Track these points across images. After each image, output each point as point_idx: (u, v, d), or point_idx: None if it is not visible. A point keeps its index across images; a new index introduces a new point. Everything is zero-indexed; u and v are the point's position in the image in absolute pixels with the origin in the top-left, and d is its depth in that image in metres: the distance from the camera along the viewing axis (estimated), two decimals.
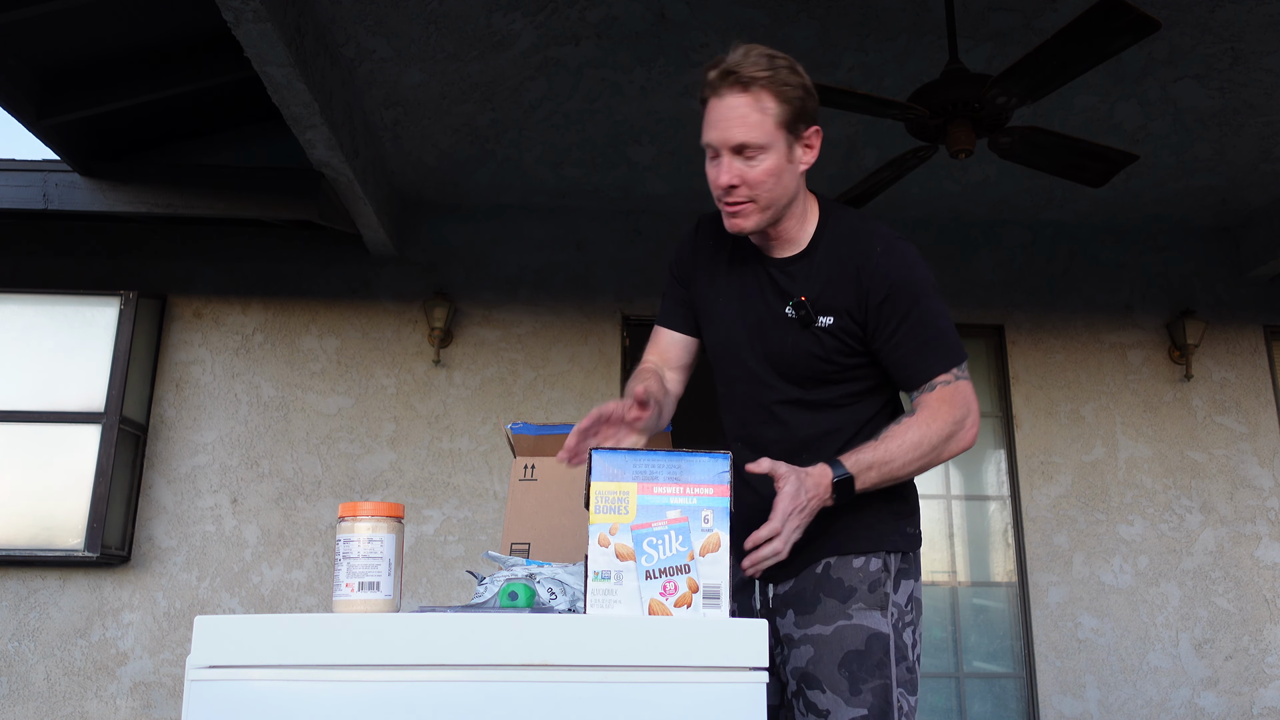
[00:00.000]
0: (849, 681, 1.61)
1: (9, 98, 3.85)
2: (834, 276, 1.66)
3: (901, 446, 1.60)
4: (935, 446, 1.61)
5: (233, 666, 1.20)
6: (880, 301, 1.63)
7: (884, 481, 1.60)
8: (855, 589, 1.66)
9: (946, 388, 1.63)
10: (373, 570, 1.36)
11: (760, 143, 1.59)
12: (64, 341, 4.61)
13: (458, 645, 1.22)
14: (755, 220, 1.64)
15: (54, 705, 4.39)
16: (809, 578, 1.68)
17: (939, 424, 1.61)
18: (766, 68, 1.57)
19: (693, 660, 1.21)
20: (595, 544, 1.31)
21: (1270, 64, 3.87)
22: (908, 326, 1.63)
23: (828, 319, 1.66)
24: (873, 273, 1.63)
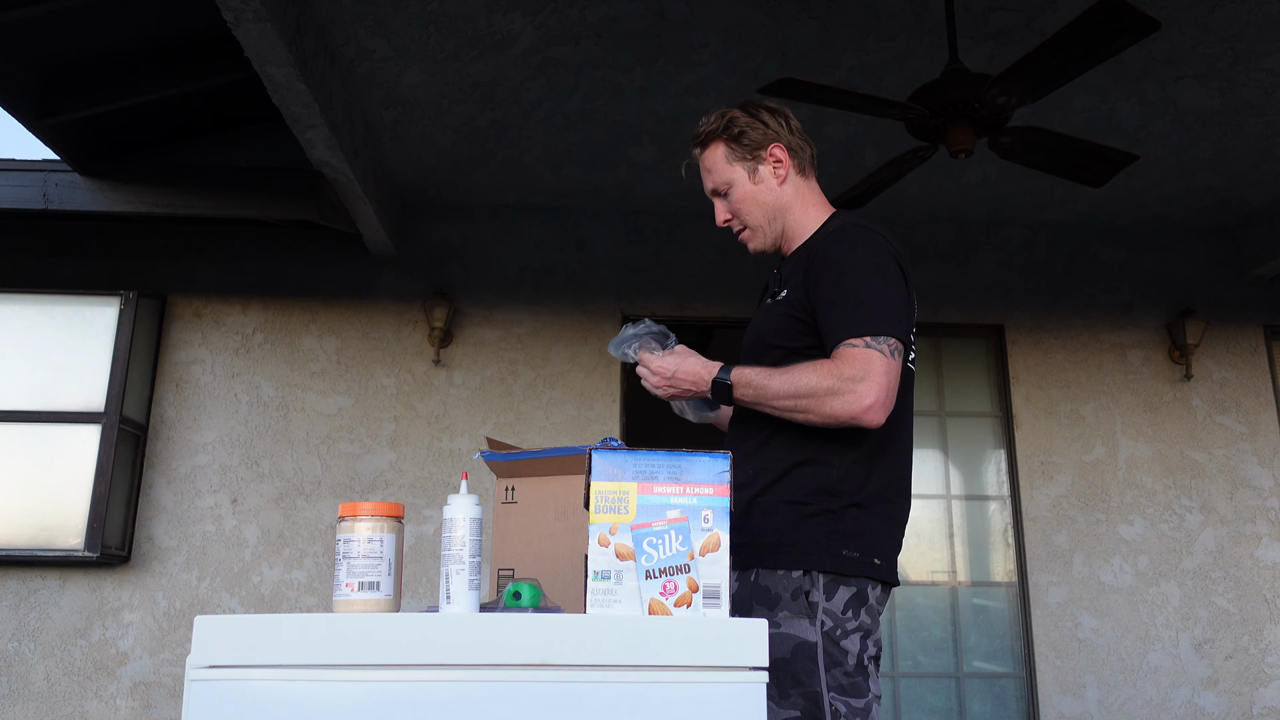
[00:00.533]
0: (776, 688, 1.64)
1: (9, 97, 3.85)
2: (798, 257, 1.84)
3: (784, 381, 1.69)
4: (812, 394, 1.66)
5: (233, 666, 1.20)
6: (817, 271, 1.76)
7: (757, 404, 1.72)
8: (780, 596, 1.69)
9: (850, 349, 1.67)
10: (373, 570, 1.36)
11: (724, 180, 1.89)
12: (64, 341, 4.61)
13: (458, 645, 1.22)
14: (759, 239, 1.91)
15: (54, 705, 4.39)
16: (745, 584, 1.74)
17: (823, 376, 1.66)
18: (716, 122, 1.89)
19: (693, 660, 1.21)
20: (595, 544, 1.31)
21: (1270, 64, 3.87)
22: (832, 292, 1.73)
23: (783, 293, 1.83)
24: (819, 247, 1.79)
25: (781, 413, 1.70)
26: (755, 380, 1.71)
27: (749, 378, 1.72)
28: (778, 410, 1.70)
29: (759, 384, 1.71)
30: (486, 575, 3.90)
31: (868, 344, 1.67)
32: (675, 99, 4.18)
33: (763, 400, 1.71)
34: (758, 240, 1.90)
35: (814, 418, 1.67)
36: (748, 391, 1.72)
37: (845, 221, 1.84)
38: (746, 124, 1.87)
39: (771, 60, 3.89)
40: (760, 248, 1.91)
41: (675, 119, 4.33)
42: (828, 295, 1.73)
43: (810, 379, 1.66)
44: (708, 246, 5.14)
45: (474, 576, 1.37)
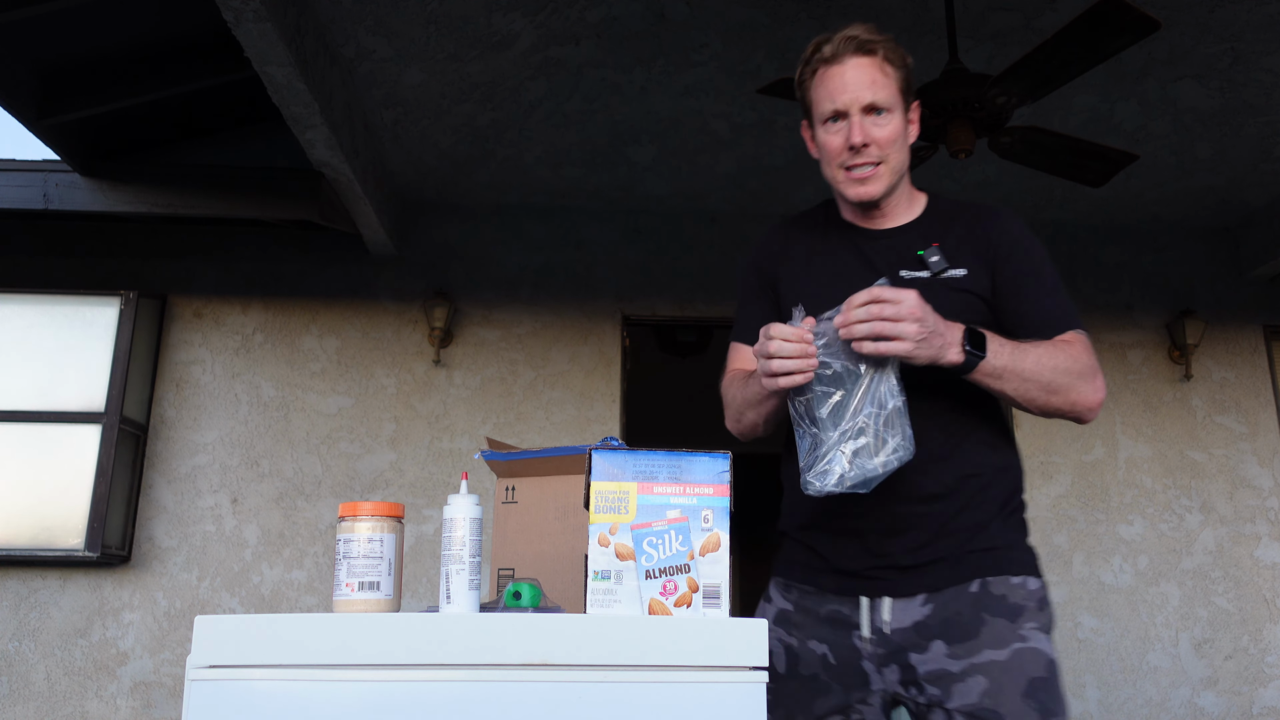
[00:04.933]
0: (1040, 714, 1.44)
1: (9, 97, 3.85)
2: (957, 233, 1.61)
3: (1039, 354, 1.46)
4: (1069, 372, 1.47)
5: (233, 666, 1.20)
6: (1009, 253, 1.58)
7: (1010, 373, 1.44)
8: (1024, 607, 1.51)
9: (1081, 337, 1.53)
10: (373, 570, 1.36)
11: (888, 103, 1.60)
12: (64, 341, 4.61)
13: (458, 645, 1.22)
14: (884, 183, 1.61)
15: (54, 705, 4.39)
16: (961, 598, 1.50)
17: (1074, 357, 1.49)
18: (881, 36, 1.61)
19: (693, 660, 1.21)
20: (595, 544, 1.31)
21: (1270, 64, 3.87)
22: (1038, 279, 1.57)
23: (959, 271, 1.57)
24: (999, 227, 1.61)
25: (1025, 390, 1.46)
26: (1008, 345, 1.45)
27: (1002, 341, 1.45)
28: (1023, 386, 1.45)
29: (1013, 350, 1.45)
30: (486, 575, 3.90)
31: (1077, 334, 1.55)
32: (675, 99, 4.19)
33: (1015, 368, 1.44)
34: (882, 183, 1.61)
35: (1057, 401, 1.48)
36: (1002, 355, 1.43)
37: (976, 204, 1.70)
38: (910, 64, 1.65)
39: (771, 60, 3.89)
40: (878, 194, 1.61)
41: (675, 119, 4.33)
42: (1036, 279, 1.57)
43: (1064, 358, 1.47)
44: (708, 247, 5.14)
45: (474, 576, 1.38)
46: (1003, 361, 1.43)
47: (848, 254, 1.66)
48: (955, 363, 1.41)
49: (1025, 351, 1.45)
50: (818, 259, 1.68)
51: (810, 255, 1.70)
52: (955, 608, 1.49)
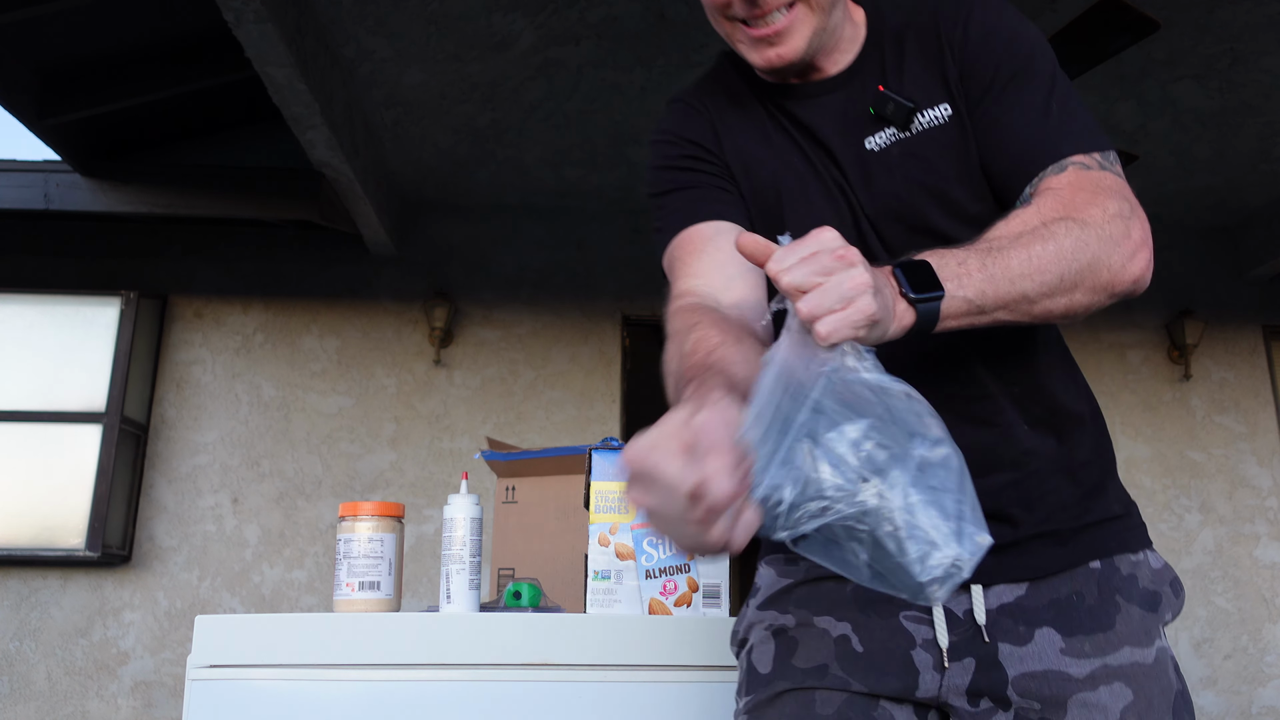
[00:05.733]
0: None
1: (10, 98, 3.86)
2: (912, 52, 1.10)
3: (1027, 252, 0.90)
4: (1085, 241, 0.92)
5: (233, 666, 1.21)
6: (977, 54, 1.07)
7: (995, 296, 0.88)
8: (1159, 594, 1.07)
9: (1084, 172, 0.99)
10: (373, 570, 1.36)
11: None
12: (65, 341, 4.62)
13: (458, 645, 1.22)
14: (805, 35, 1.06)
15: (55, 704, 4.39)
16: (1084, 578, 1.05)
17: (1076, 222, 0.93)
18: None
19: (693, 660, 1.22)
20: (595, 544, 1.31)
21: (1269, 64, 3.87)
22: (1023, 86, 1.05)
23: (936, 110, 1.06)
24: (959, 18, 1.09)
25: (1033, 308, 0.91)
26: (972, 255, 0.89)
27: (962, 261, 0.88)
28: (1026, 305, 0.91)
29: (983, 259, 0.88)
30: (486, 575, 3.90)
31: (1100, 164, 1.00)
32: None
33: (999, 286, 0.88)
34: (801, 34, 1.06)
35: (1080, 299, 0.93)
36: (970, 277, 0.87)
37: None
38: None
39: None
40: (796, 52, 1.06)
41: None
42: (1020, 84, 1.04)
43: (1063, 236, 0.91)
44: None
45: (474, 576, 1.38)
46: (975, 286, 0.87)
47: (784, 137, 1.14)
48: (906, 326, 0.85)
49: (1005, 250, 0.89)
50: (748, 153, 1.16)
51: (740, 150, 1.16)
52: (1073, 586, 1.05)
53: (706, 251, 1.10)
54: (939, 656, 1.04)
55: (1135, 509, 1.13)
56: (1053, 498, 1.07)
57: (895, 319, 0.84)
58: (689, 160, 1.17)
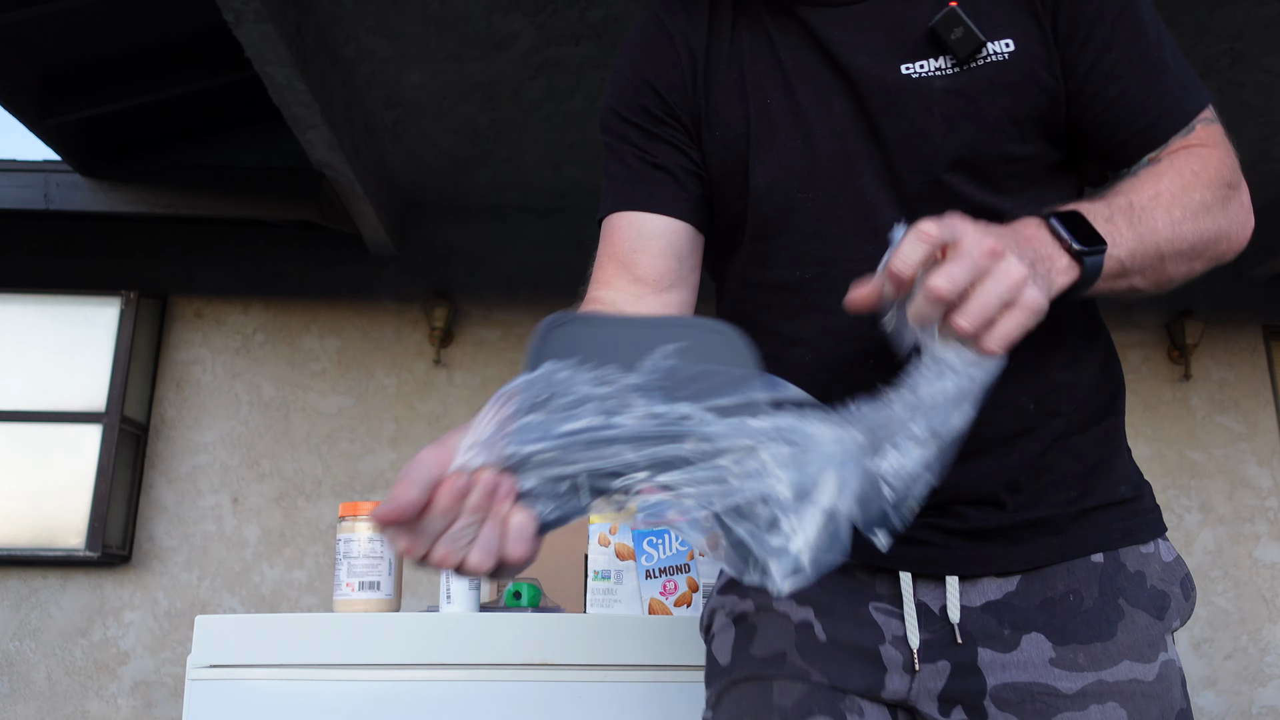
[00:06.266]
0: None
1: (10, 98, 3.86)
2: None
3: (1169, 197, 0.84)
4: (1212, 206, 0.87)
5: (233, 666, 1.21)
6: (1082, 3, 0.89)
7: (1140, 259, 0.81)
8: (1168, 595, 0.94)
9: (1211, 127, 0.93)
10: (373, 570, 1.36)
11: None
12: (65, 341, 4.62)
13: (458, 645, 1.22)
14: None
15: (55, 704, 4.39)
16: (1084, 574, 0.92)
17: (1208, 184, 0.87)
18: None
19: (693, 660, 1.22)
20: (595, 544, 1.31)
21: (1269, 64, 3.87)
22: (1136, 31, 0.90)
23: (1003, 44, 0.89)
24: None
25: (1161, 274, 0.85)
26: (1119, 210, 0.82)
27: (1109, 218, 0.80)
28: (1159, 270, 0.85)
29: (1131, 217, 0.82)
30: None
31: (1211, 121, 0.94)
32: None
33: (1146, 247, 0.82)
34: None
35: (1198, 267, 0.89)
36: (1124, 235, 0.80)
37: None
38: None
39: None
40: None
41: None
42: (1137, 37, 0.90)
43: (1202, 189, 0.87)
44: None
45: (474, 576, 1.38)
46: (1127, 246, 0.80)
47: (800, 56, 0.93)
48: (1062, 288, 0.75)
49: (1149, 210, 0.82)
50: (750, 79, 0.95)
51: (733, 73, 0.96)
52: (1071, 584, 0.92)
53: (628, 255, 0.99)
54: (910, 656, 0.92)
55: (1148, 490, 0.98)
56: (1047, 476, 0.93)
57: (1052, 284, 0.74)
58: (644, 117, 0.99)
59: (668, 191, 0.97)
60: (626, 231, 0.98)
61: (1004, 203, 0.89)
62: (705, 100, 0.97)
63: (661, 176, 0.98)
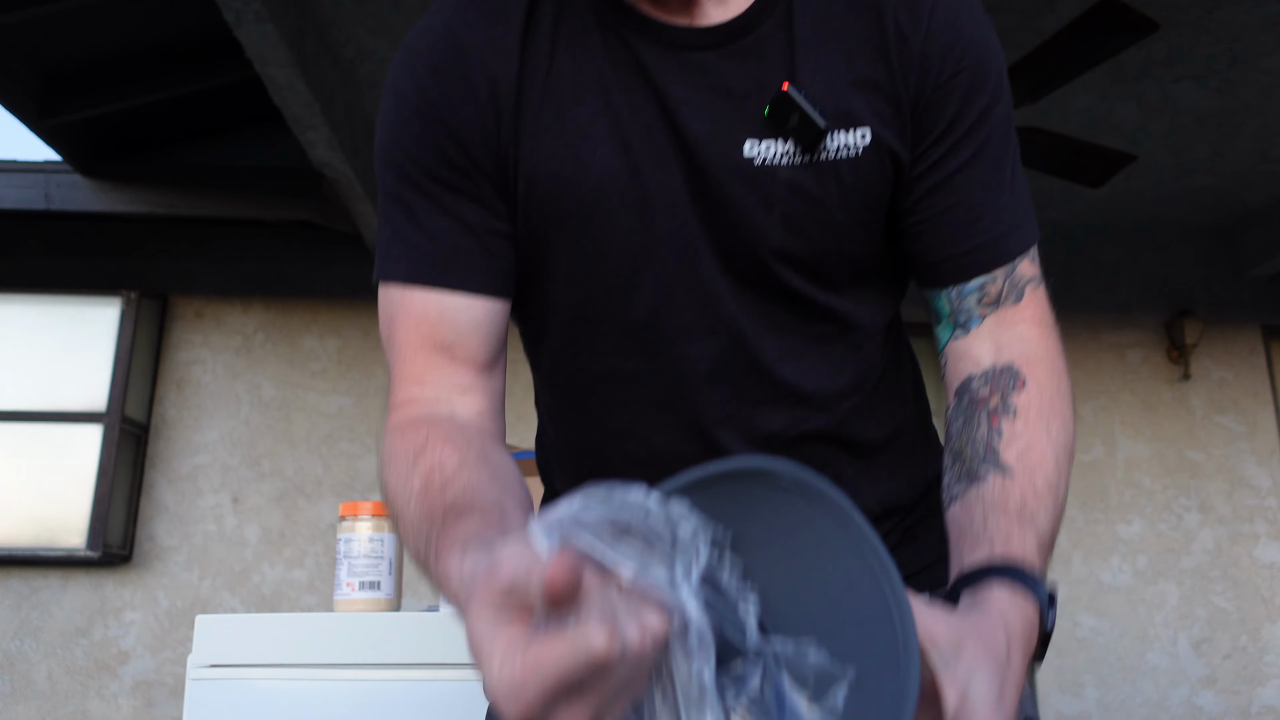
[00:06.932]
0: None
1: (11, 98, 3.86)
2: (838, 27, 0.77)
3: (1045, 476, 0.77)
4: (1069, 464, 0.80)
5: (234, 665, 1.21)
6: (944, 60, 0.77)
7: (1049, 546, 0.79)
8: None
9: (1038, 292, 0.86)
10: (374, 569, 1.37)
11: None
12: (66, 341, 4.62)
13: (458, 645, 1.23)
14: None
15: (56, 704, 4.40)
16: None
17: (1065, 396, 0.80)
18: None
19: None
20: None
21: (1268, 65, 3.87)
22: (989, 135, 0.80)
23: (854, 135, 0.77)
24: (930, 17, 0.77)
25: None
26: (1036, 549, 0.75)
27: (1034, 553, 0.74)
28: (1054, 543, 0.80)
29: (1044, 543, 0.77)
30: None
31: (1037, 283, 0.87)
32: None
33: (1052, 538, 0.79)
34: None
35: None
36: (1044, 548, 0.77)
37: None
38: None
39: None
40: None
41: None
42: (984, 146, 0.80)
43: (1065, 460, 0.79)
44: None
45: None
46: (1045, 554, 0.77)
47: (638, 103, 0.77)
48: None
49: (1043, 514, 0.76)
50: (573, 123, 0.77)
51: (549, 113, 0.77)
52: None
53: (447, 344, 0.79)
54: None
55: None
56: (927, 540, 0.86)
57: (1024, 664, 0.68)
58: (437, 161, 0.78)
59: (480, 264, 0.79)
60: (440, 317, 0.79)
61: (841, 301, 0.82)
62: (514, 146, 0.77)
63: (469, 243, 0.79)
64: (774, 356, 0.81)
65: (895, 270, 0.88)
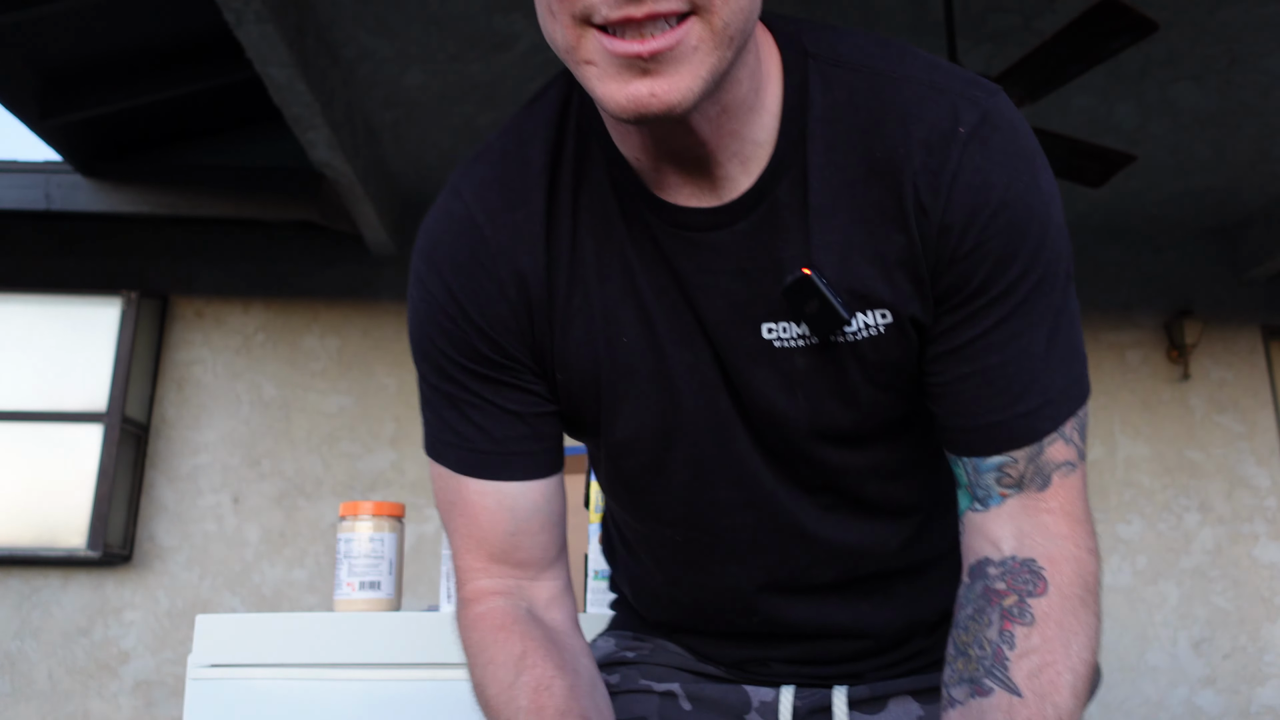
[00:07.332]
0: None
1: (12, 98, 3.87)
2: (853, 199, 0.73)
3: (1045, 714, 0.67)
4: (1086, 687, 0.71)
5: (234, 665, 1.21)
6: (965, 232, 0.71)
7: None
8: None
9: (1069, 480, 0.74)
10: (374, 569, 1.37)
11: None
12: (66, 341, 4.62)
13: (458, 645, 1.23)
14: (701, 75, 0.64)
15: (56, 704, 4.40)
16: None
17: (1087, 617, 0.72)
18: None
19: None
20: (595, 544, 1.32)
21: (1268, 65, 3.88)
22: (1017, 305, 0.72)
23: (873, 316, 0.74)
24: (947, 169, 0.71)
25: None
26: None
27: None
28: None
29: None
30: None
31: (1071, 446, 0.74)
32: None
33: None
34: (703, 64, 0.63)
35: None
36: None
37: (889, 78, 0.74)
38: None
39: None
40: (688, 90, 0.63)
41: None
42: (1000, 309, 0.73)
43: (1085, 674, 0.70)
44: None
45: None
46: None
47: (660, 284, 0.76)
48: None
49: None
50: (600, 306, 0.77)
51: (578, 299, 0.78)
52: None
53: (505, 542, 0.80)
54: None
55: None
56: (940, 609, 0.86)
57: None
58: (474, 358, 0.78)
59: (532, 449, 0.80)
60: (499, 508, 0.80)
61: (880, 456, 0.81)
62: (548, 335, 0.78)
63: (519, 430, 0.79)
64: (815, 521, 0.81)
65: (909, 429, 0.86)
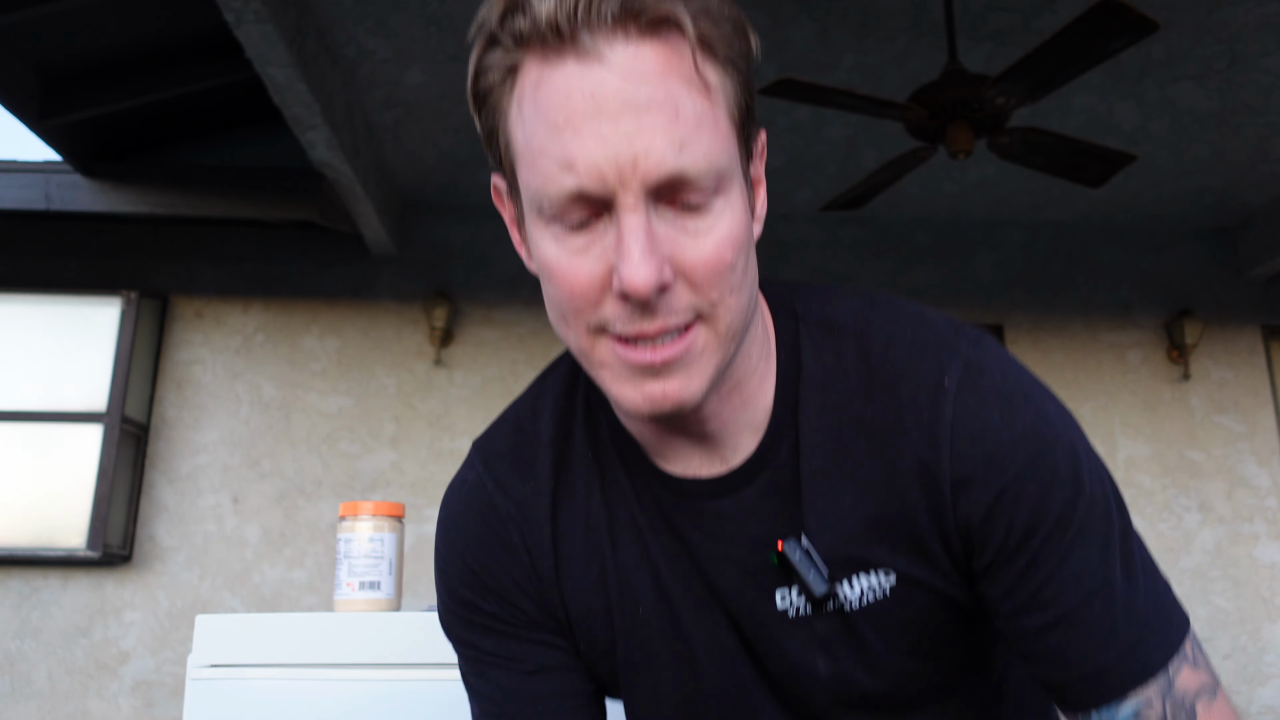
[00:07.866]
0: None
1: (11, 98, 3.86)
2: (850, 471, 0.72)
3: None
4: None
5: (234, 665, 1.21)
6: (997, 495, 0.69)
7: None
8: None
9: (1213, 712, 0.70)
10: (374, 569, 1.37)
11: (712, 165, 0.62)
12: (66, 341, 4.62)
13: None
14: (708, 374, 0.66)
15: (56, 704, 4.40)
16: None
17: None
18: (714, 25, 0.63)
19: None
20: None
21: (1268, 65, 3.87)
22: (1074, 540, 0.69)
23: (876, 578, 0.72)
24: (952, 436, 0.70)
25: None
26: None
27: None
28: None
29: None
30: None
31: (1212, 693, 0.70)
32: None
33: None
34: (709, 363, 0.66)
35: None
36: None
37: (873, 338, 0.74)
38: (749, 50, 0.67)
39: (771, 61, 3.90)
40: (698, 389, 0.65)
41: None
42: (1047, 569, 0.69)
43: None
44: None
45: None
46: None
47: (672, 552, 0.76)
48: None
49: None
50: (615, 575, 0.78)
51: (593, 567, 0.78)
52: None
53: None
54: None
55: None
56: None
57: None
58: (499, 623, 0.79)
59: (555, 709, 0.80)
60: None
61: (920, 713, 0.78)
62: (561, 606, 0.78)
63: (552, 687, 0.80)
64: None
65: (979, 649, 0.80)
